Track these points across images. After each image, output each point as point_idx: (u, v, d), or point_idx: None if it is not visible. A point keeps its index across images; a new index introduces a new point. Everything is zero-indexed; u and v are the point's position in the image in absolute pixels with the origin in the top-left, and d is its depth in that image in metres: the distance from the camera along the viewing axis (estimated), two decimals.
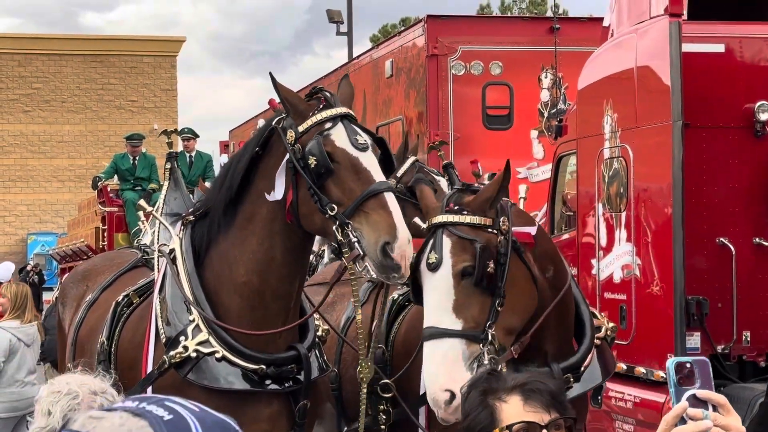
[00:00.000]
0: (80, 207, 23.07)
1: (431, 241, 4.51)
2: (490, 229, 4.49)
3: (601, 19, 8.99)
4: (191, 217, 5.11)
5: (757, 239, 7.35)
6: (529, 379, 2.84)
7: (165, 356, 4.88)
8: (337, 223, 4.46)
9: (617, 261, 7.67)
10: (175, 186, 6.08)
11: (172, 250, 5.12)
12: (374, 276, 4.49)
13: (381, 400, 5.27)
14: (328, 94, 4.82)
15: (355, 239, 4.41)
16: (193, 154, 16.41)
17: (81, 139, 43.93)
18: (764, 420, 6.91)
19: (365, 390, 5.02)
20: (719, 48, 7.51)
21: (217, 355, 4.82)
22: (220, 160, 17.07)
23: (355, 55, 20.15)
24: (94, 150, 42.95)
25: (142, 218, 14.21)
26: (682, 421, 2.10)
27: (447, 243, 4.48)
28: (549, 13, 30.57)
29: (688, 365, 2.12)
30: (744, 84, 7.47)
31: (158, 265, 5.30)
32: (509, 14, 39.51)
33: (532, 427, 2.72)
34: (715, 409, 2.10)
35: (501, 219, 4.51)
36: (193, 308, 4.87)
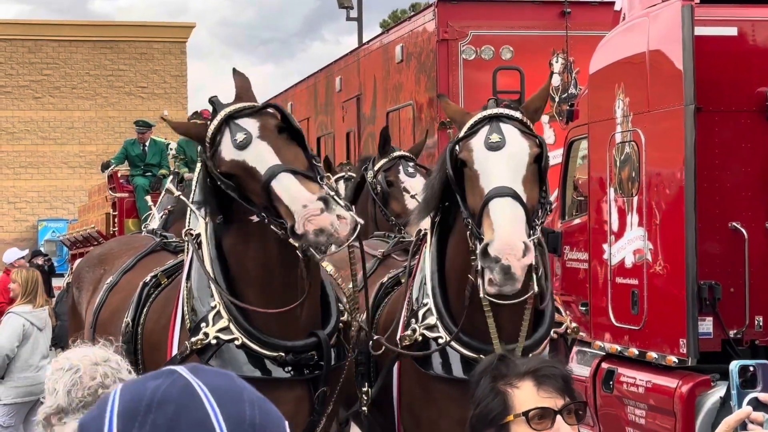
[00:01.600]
0: (91, 193, 23.10)
1: (487, 127, 4.59)
2: (536, 138, 4.66)
3: (612, 3, 8.95)
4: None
5: None
6: (541, 364, 2.83)
7: (187, 342, 4.90)
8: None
9: (629, 246, 7.64)
10: None
11: (198, 235, 5.13)
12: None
13: (364, 381, 5.30)
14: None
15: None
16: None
17: (91, 126, 43.98)
18: None
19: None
20: (732, 31, 7.47)
21: (237, 342, 4.83)
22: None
23: (365, 40, 20.11)
24: (104, 136, 43.01)
25: (151, 203, 14.27)
26: (743, 424, 2.09)
27: (512, 129, 4.61)
28: None
29: (751, 368, 2.11)
30: (757, 67, 7.43)
31: (187, 249, 5.29)
32: None
33: (546, 412, 2.71)
34: None
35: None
36: (215, 294, 4.87)
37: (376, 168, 8.12)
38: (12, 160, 44.44)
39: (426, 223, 5.23)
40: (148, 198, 15.29)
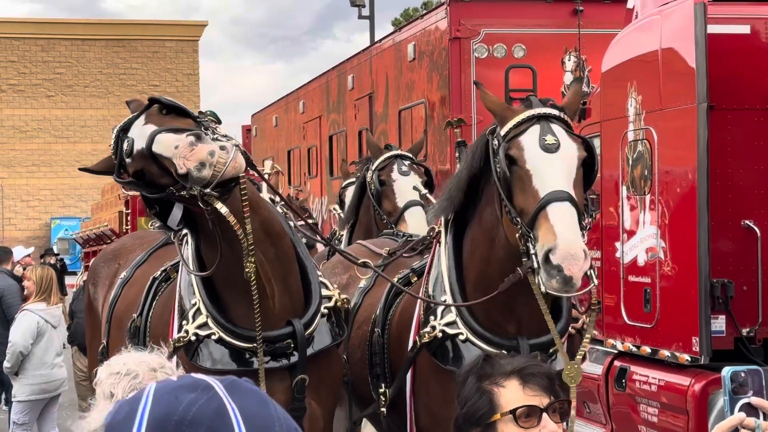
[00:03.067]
0: (103, 191, 23.17)
1: (537, 127, 4.58)
2: (583, 140, 4.71)
3: (624, 1, 8.94)
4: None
5: None
6: (526, 363, 2.86)
7: (171, 340, 4.99)
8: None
9: (641, 244, 7.65)
10: None
11: (185, 234, 5.19)
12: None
13: (380, 382, 5.32)
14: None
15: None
16: None
17: (104, 124, 44.11)
18: None
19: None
20: (744, 29, 7.46)
21: (214, 337, 4.91)
22: None
23: (377, 38, 20.12)
24: None
25: None
26: (735, 430, 2.12)
27: (562, 131, 4.60)
28: None
29: (742, 374, 2.14)
30: None
31: (178, 247, 5.36)
32: None
33: (533, 410, 2.73)
34: (766, 417, 2.12)
35: None
36: (195, 291, 4.95)
37: (373, 167, 8.16)
38: (25, 158, 44.57)
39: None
40: None
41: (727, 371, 2.14)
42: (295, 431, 1.52)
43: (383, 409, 5.34)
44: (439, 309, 5.05)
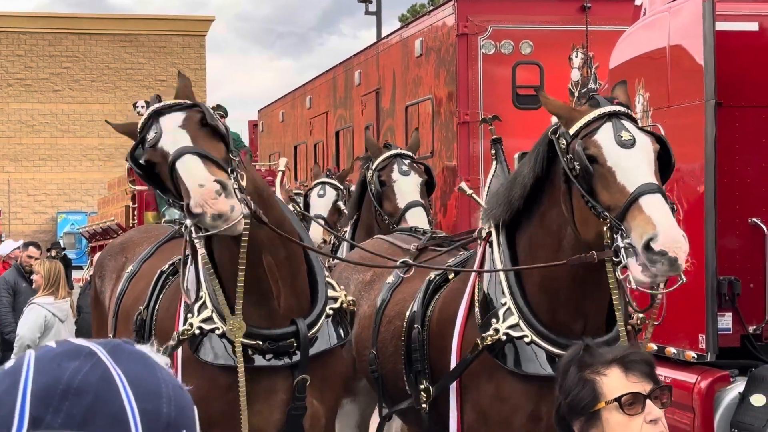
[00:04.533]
0: (110, 186, 23.21)
1: (610, 124, 4.65)
2: (654, 135, 4.83)
3: None
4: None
5: None
6: (626, 351, 2.89)
7: (175, 333, 5.01)
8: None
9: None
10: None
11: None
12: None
13: (421, 378, 5.32)
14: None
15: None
16: None
17: (110, 118, 44.04)
18: None
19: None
20: (753, 26, 7.45)
21: (218, 332, 4.92)
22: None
23: (383, 34, 20.11)
24: None
25: None
26: None
27: (633, 128, 4.70)
28: None
29: None
30: None
31: (185, 241, 5.36)
32: None
33: (637, 397, 2.74)
34: None
35: None
36: (202, 284, 4.96)
37: (373, 167, 8.14)
38: (32, 152, 44.62)
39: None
40: None
41: None
42: (179, 388, 1.49)
43: (424, 405, 5.32)
44: (501, 311, 5.02)
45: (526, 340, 4.94)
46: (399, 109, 13.99)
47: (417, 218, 7.74)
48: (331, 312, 5.11)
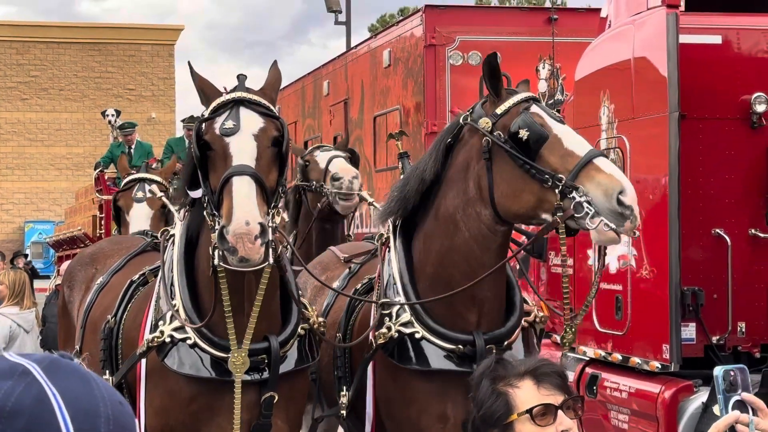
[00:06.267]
0: (77, 195, 23.10)
1: (535, 105, 4.92)
2: None
3: (598, 10, 9.00)
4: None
5: (753, 230, 7.37)
6: (539, 363, 2.95)
7: (144, 339, 4.96)
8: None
9: (613, 251, 7.69)
10: None
11: (173, 235, 5.17)
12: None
13: (342, 384, 5.35)
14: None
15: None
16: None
17: (78, 128, 43.92)
18: None
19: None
20: (716, 39, 7.52)
21: (189, 342, 4.87)
22: None
23: (353, 44, 20.14)
24: (91, 138, 42.96)
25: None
26: (731, 428, 2.16)
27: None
28: (547, 4, 30.58)
29: (732, 373, 2.18)
30: (741, 75, 7.48)
31: (163, 248, 5.34)
32: (507, 5, 39.48)
33: (548, 408, 2.80)
34: (755, 412, 2.16)
35: None
36: (176, 293, 4.92)
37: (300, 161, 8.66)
38: None
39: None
40: None
41: (719, 370, 2.18)
42: (119, 404, 1.45)
43: (343, 412, 5.35)
44: (394, 309, 5.08)
45: (417, 336, 4.99)
46: (367, 120, 14.01)
47: (340, 166, 8.16)
48: (302, 332, 5.09)
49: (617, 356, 7.65)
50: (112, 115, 19.59)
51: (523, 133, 4.70)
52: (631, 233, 4.68)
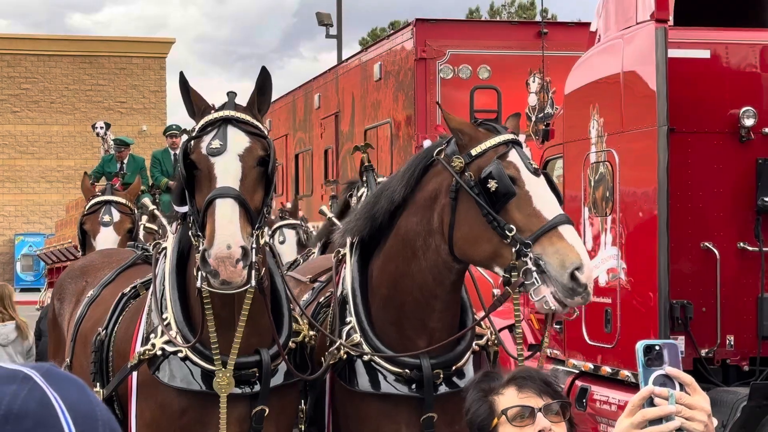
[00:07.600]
0: (68, 208, 23.09)
1: (515, 151, 4.71)
2: None
3: (588, 24, 9.04)
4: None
5: (742, 244, 7.40)
6: (522, 371, 3.10)
7: (136, 352, 4.95)
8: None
9: (602, 265, 7.71)
10: None
11: (164, 248, 5.17)
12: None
13: (301, 399, 5.35)
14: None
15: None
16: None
17: (69, 140, 43.89)
18: (747, 423, 6.97)
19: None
20: (705, 54, 7.56)
21: (180, 355, 4.86)
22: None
23: (343, 58, 20.17)
24: (82, 151, 42.92)
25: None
26: (649, 402, 2.14)
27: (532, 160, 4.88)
28: (537, 18, 30.67)
29: (657, 347, 2.17)
30: (729, 90, 7.52)
31: (155, 262, 5.33)
32: (498, 18, 39.60)
33: (526, 410, 2.89)
34: (683, 387, 2.14)
35: None
36: (168, 306, 4.92)
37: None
38: None
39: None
40: None
41: (640, 344, 2.18)
42: (108, 411, 1.49)
43: (302, 426, 5.34)
44: (345, 329, 5.09)
45: (365, 358, 4.99)
46: (358, 133, 14.04)
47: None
48: (293, 345, 5.09)
49: (607, 369, 7.67)
50: (102, 128, 19.57)
51: (492, 184, 4.59)
52: (580, 304, 4.51)
